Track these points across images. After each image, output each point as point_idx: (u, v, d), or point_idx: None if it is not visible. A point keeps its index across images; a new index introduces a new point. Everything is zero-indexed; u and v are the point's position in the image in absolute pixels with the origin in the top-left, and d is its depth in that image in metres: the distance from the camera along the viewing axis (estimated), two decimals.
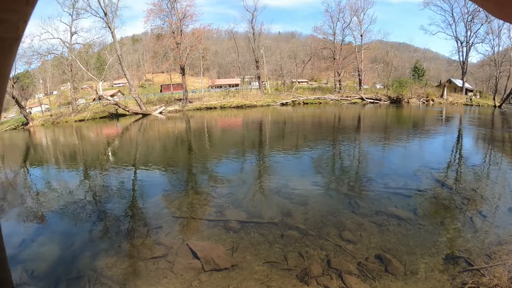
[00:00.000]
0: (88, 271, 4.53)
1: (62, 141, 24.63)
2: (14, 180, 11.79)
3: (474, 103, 40.60)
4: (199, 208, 6.98)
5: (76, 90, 45.47)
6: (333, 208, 6.45)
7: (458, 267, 4.20)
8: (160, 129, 26.73)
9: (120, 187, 9.34)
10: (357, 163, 10.85)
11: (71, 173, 12.12)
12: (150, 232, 5.73)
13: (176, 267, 4.53)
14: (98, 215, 7.02)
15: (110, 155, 15.71)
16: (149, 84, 75.01)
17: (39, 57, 41.65)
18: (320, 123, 24.69)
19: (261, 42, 50.52)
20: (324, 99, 44.47)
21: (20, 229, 6.53)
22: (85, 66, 44.31)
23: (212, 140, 18.64)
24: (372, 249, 4.73)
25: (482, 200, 6.65)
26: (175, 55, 42.93)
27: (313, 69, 67.62)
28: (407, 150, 12.62)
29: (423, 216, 5.87)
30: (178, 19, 40.82)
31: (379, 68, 58.85)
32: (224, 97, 46.10)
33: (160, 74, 75.02)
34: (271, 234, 5.36)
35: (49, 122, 37.59)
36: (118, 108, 37.98)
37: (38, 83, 57.23)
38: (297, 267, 4.35)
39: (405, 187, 7.54)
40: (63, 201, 8.12)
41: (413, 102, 40.64)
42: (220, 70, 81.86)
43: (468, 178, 8.68)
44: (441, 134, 16.38)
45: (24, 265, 4.85)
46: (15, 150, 22.46)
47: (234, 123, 28.40)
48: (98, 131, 28.72)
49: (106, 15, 37.57)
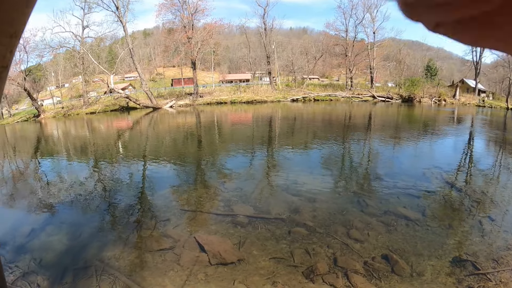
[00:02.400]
0: (95, 262, 4.60)
1: (73, 133, 24.95)
2: (25, 171, 12.00)
3: (486, 105, 39.84)
4: (207, 202, 7.03)
5: (87, 83, 45.91)
6: (341, 206, 6.42)
7: (464, 270, 4.15)
8: (171, 123, 26.90)
9: (129, 179, 9.44)
10: (367, 162, 10.78)
11: (82, 164, 12.29)
12: (158, 224, 5.79)
13: (182, 259, 4.57)
14: (107, 206, 7.12)
15: (121, 147, 15.87)
16: (160, 78, 75.33)
17: (51, 50, 42.20)
18: (331, 120, 24.55)
19: (272, 38, 50.28)
20: (335, 96, 44.17)
21: (29, 218, 6.67)
22: (97, 59, 44.77)
23: (221, 135, 18.69)
24: (379, 249, 4.70)
25: (491, 204, 6.55)
26: (186, 50, 43.07)
27: (325, 65, 67.23)
28: (418, 150, 12.48)
29: (431, 217, 5.80)
30: (190, 14, 40.89)
31: (391, 66, 58.21)
32: (234, 92, 46.11)
33: (171, 68, 75.19)
34: (278, 230, 5.37)
35: (60, 114, 38.11)
36: (129, 101, 38.33)
37: (50, 76, 57.89)
38: (303, 264, 4.36)
39: (415, 187, 7.46)
40: (72, 192, 8.25)
41: (425, 102, 40.09)
42: (231, 65, 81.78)
43: (478, 180, 8.55)
44: (452, 135, 16.16)
45: (33, 254, 4.95)
46: (26, 141, 22.85)
47: (244, 118, 28.41)
48: (109, 124, 29.01)
49: (117, 9, 37.87)
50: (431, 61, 62.98)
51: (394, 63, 58.42)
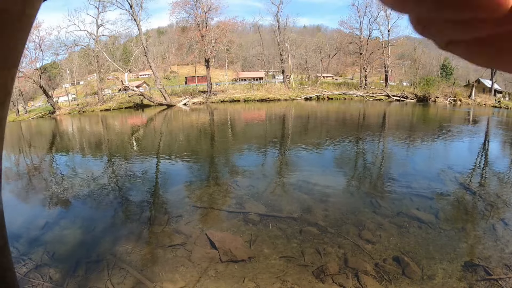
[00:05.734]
0: (107, 256, 4.69)
1: (88, 129, 25.40)
2: (40, 166, 12.28)
3: (502, 106, 38.83)
4: (219, 199, 7.08)
5: (102, 81, 46.61)
6: (353, 207, 6.39)
7: (476, 275, 4.07)
8: (184, 120, 27.12)
9: (143, 175, 9.57)
10: (380, 162, 10.67)
11: (96, 160, 12.51)
12: (170, 220, 5.87)
13: (193, 255, 4.62)
14: (120, 201, 7.24)
15: (135, 144, 16.09)
16: (174, 76, 75.83)
17: (66, 48, 42.99)
18: (345, 119, 24.34)
19: (286, 36, 50.12)
20: (349, 94, 43.73)
21: (44, 212, 6.85)
22: (111, 57, 45.38)
23: (234, 132, 18.75)
24: (390, 251, 4.66)
25: (506, 208, 6.39)
26: (200, 48, 43.34)
27: (339, 64, 66.58)
28: (432, 151, 12.28)
29: (444, 220, 5.72)
30: (203, 12, 41.08)
31: (406, 65, 57.33)
32: (248, 90, 46.17)
33: (185, 66, 75.62)
34: (289, 228, 5.38)
35: (75, 111, 38.85)
36: (143, 98, 38.78)
37: (65, 73, 58.92)
38: (313, 264, 4.35)
39: (428, 189, 7.35)
40: (87, 187, 8.41)
41: (440, 102, 39.33)
42: (244, 63, 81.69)
43: (493, 183, 8.36)
44: (468, 137, 15.84)
45: (46, 247, 5.08)
46: (41, 137, 23.36)
47: (257, 116, 28.42)
48: (123, 121, 29.42)
49: (131, 8, 38.28)
50: (446, 60, 61.69)
51: (409, 62, 57.52)
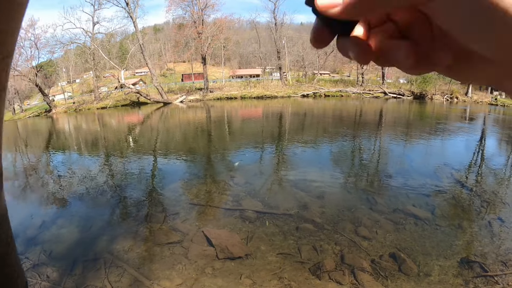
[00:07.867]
0: (104, 254, 4.68)
1: (84, 127, 25.29)
2: (36, 164, 12.22)
3: (499, 103, 39.01)
4: (216, 196, 7.07)
5: (98, 79, 46.41)
6: (350, 203, 6.40)
7: (472, 272, 4.10)
8: (181, 117, 27.07)
9: (139, 173, 9.55)
10: (377, 159, 10.69)
11: (92, 158, 12.46)
12: (167, 218, 5.86)
13: (190, 253, 4.62)
14: (117, 200, 7.22)
15: (131, 142, 16.04)
16: (171, 73, 75.69)
17: (61, 46, 42.79)
18: (341, 116, 24.35)
19: (283, 33, 50.00)
20: (346, 92, 43.67)
21: (40, 211, 6.81)
22: (107, 55, 45.17)
23: (231, 130, 18.73)
24: (387, 247, 4.68)
25: (502, 205, 6.43)
26: (196, 45, 43.14)
27: (336, 61, 66.54)
28: (429, 148, 12.32)
29: (441, 216, 5.74)
30: (200, 9, 40.86)
31: None
32: (244, 87, 46.03)
33: (182, 63, 75.45)
34: (286, 225, 5.39)
35: (71, 109, 38.64)
36: (139, 96, 38.60)
37: (61, 71, 58.68)
38: (310, 260, 4.37)
39: (425, 186, 7.38)
40: (83, 185, 8.38)
41: (436, 99, 39.44)
42: (241, 60, 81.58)
43: (489, 180, 8.40)
44: (464, 134, 15.89)
45: (43, 246, 5.05)
46: (38, 135, 23.24)
47: (254, 114, 28.38)
48: (120, 119, 29.31)
49: (127, 5, 38.04)
50: None
51: None
